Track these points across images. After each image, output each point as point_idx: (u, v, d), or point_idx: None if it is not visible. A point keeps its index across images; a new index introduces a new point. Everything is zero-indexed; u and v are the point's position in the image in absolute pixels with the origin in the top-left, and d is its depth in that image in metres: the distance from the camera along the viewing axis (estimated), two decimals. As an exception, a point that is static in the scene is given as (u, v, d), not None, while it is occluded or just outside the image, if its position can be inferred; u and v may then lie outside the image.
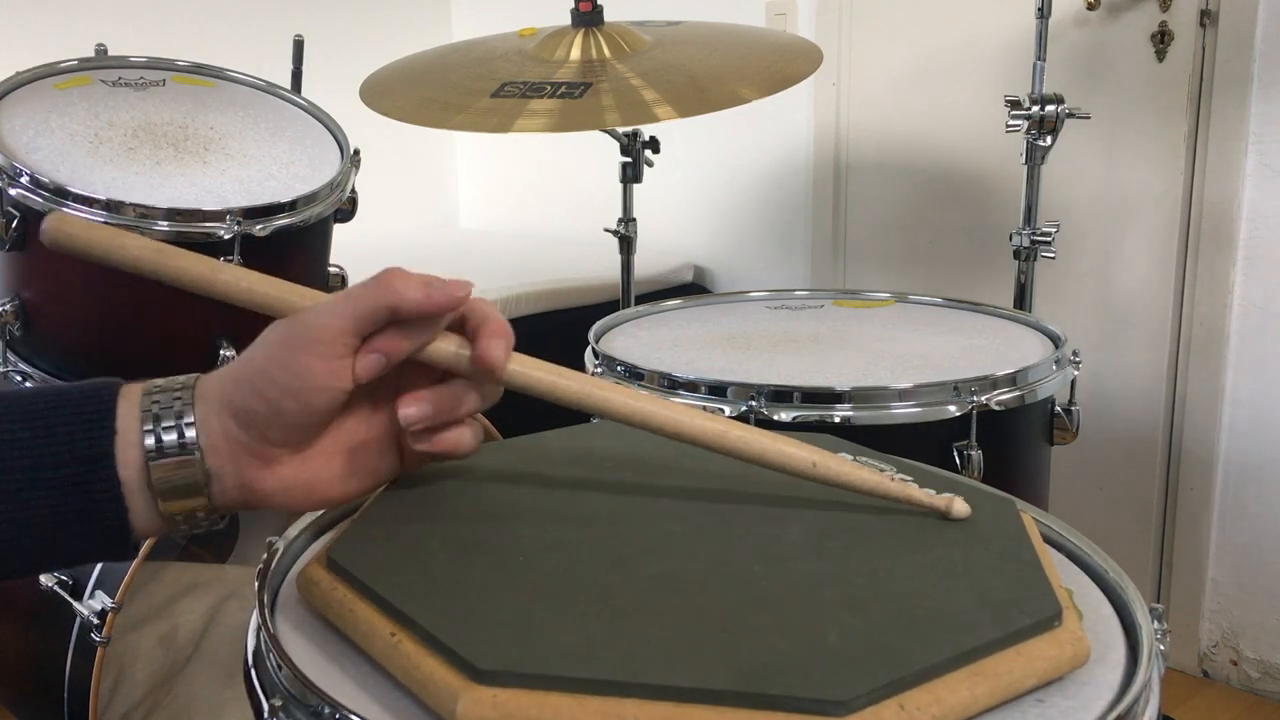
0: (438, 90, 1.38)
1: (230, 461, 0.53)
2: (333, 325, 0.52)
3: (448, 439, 0.56)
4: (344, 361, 0.53)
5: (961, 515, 0.58)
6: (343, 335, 0.52)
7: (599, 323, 1.31)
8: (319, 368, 0.52)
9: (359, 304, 0.52)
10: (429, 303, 0.53)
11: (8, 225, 1.15)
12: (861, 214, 2.30)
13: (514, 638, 0.46)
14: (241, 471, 0.53)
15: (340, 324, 0.52)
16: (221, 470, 0.53)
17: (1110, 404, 1.96)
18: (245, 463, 0.53)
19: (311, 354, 0.52)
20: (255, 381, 0.52)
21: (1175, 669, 1.92)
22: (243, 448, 0.53)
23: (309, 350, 0.52)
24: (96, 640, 1.06)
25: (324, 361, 0.52)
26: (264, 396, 0.52)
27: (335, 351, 0.52)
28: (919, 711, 0.43)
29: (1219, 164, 1.77)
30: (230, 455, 0.53)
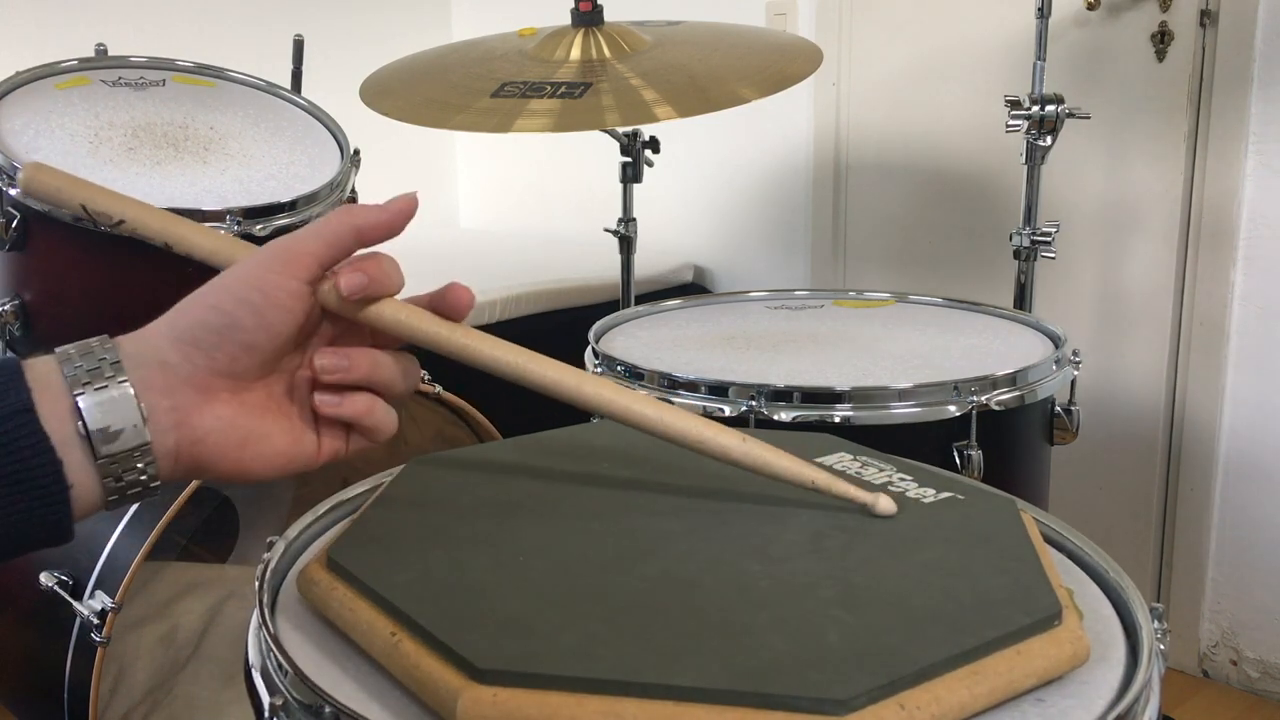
0: (438, 90, 1.38)
1: (165, 395, 0.50)
2: (302, 247, 0.53)
3: (359, 403, 0.55)
4: (306, 286, 0.53)
5: (887, 512, 0.59)
6: (310, 257, 0.53)
7: (599, 323, 1.31)
8: (283, 284, 0.52)
9: (325, 228, 0.53)
10: (389, 214, 0.54)
11: (8, 225, 1.15)
12: (861, 214, 2.30)
13: (514, 637, 0.46)
14: (178, 405, 0.51)
15: (309, 246, 0.53)
16: (155, 406, 0.50)
17: (1110, 404, 1.96)
18: (181, 394, 0.51)
19: (277, 271, 0.52)
20: (212, 296, 0.52)
21: (1175, 669, 1.92)
22: (180, 378, 0.51)
23: (275, 268, 0.52)
24: (96, 640, 1.06)
25: (289, 279, 0.52)
26: (221, 308, 0.51)
27: (300, 272, 0.52)
28: (918, 711, 0.43)
29: (1219, 164, 1.77)
30: (165, 387, 0.50)
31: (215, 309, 0.51)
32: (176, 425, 0.51)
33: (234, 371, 0.52)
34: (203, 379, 0.51)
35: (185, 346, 0.51)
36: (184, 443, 0.51)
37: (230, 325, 0.51)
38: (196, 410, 0.51)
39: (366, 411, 0.55)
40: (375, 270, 0.54)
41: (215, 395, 0.52)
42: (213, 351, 0.51)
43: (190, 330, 0.51)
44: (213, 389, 0.52)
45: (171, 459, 0.51)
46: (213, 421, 0.52)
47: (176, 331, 0.51)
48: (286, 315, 0.52)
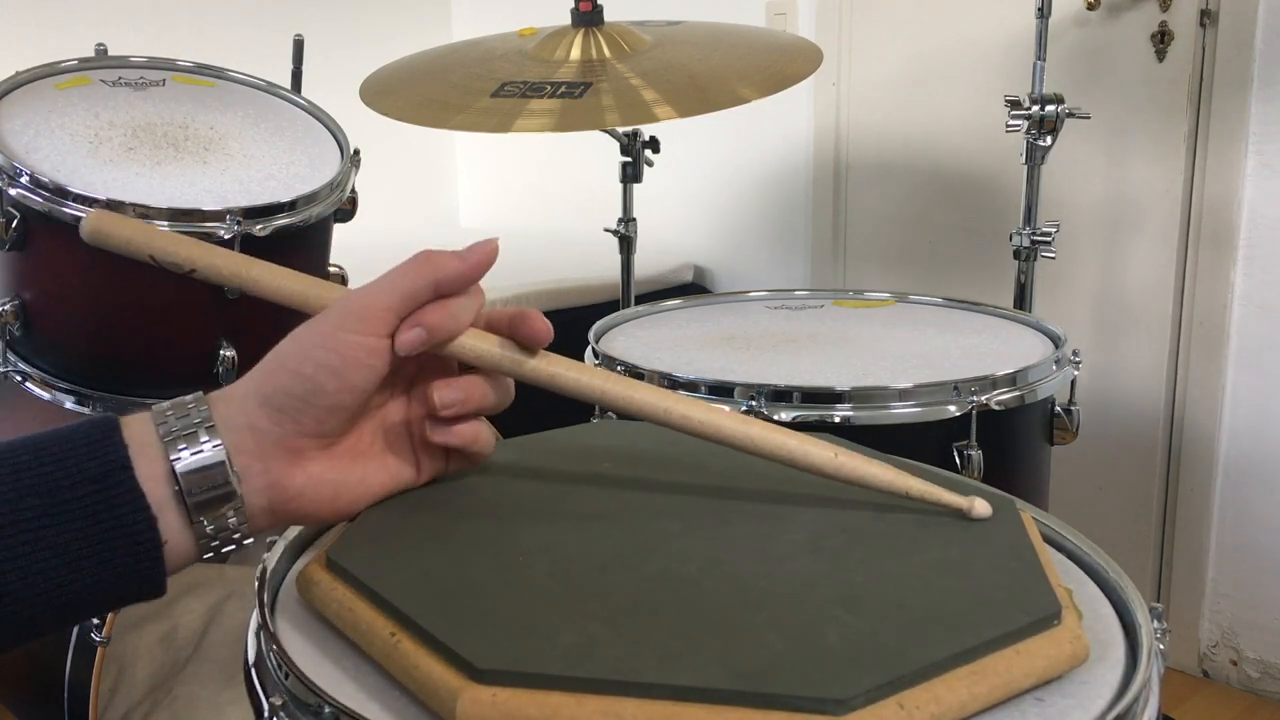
0: (438, 90, 1.38)
1: (257, 459, 0.52)
2: (377, 303, 0.52)
3: (467, 431, 0.57)
4: (385, 341, 0.53)
5: (983, 515, 0.58)
6: (386, 312, 0.53)
7: (599, 323, 1.31)
8: (361, 343, 0.52)
9: (402, 281, 0.53)
10: (467, 264, 0.54)
11: (8, 225, 1.15)
12: (861, 214, 2.30)
13: (513, 637, 0.47)
14: (270, 468, 0.52)
15: (384, 301, 0.53)
16: (248, 469, 0.52)
17: (1110, 404, 1.96)
18: (273, 457, 0.52)
19: (354, 330, 0.52)
20: (293, 361, 0.52)
21: (1175, 669, 1.92)
22: (271, 442, 0.52)
23: (351, 327, 0.52)
24: (96, 640, 1.06)
25: (366, 338, 0.52)
26: (301, 374, 0.52)
27: (377, 328, 0.52)
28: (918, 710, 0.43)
29: (1219, 164, 1.77)
30: (257, 451, 0.52)
31: (297, 375, 0.52)
32: (269, 486, 0.52)
33: (322, 432, 0.53)
34: (292, 442, 0.52)
35: (272, 412, 0.52)
36: (277, 501, 0.53)
37: (313, 390, 0.52)
38: (288, 471, 0.53)
39: (474, 437, 0.57)
40: (435, 320, 0.54)
41: (305, 455, 0.53)
42: (299, 416, 0.52)
43: (275, 396, 0.52)
44: (303, 449, 0.53)
45: (266, 516, 0.53)
46: (304, 480, 0.53)
47: (263, 396, 0.52)
48: (368, 373, 0.53)
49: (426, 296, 0.53)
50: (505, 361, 0.56)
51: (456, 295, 0.54)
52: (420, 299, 0.53)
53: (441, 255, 0.54)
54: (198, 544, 0.51)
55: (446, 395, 0.55)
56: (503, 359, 0.56)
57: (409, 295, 0.53)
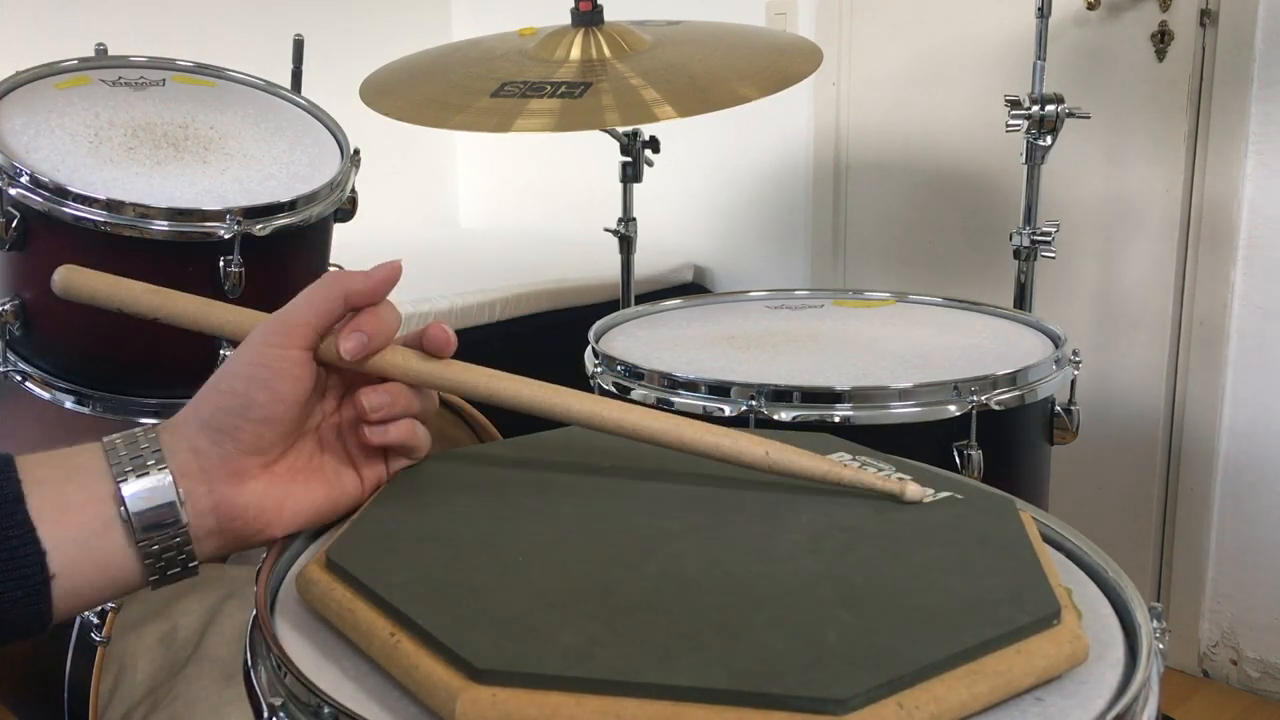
0: (438, 90, 1.38)
1: (201, 481, 0.54)
2: (296, 318, 0.56)
3: (402, 427, 0.60)
4: (307, 353, 0.57)
5: (915, 498, 0.60)
6: (305, 326, 0.56)
7: (599, 323, 1.31)
8: (284, 355, 0.55)
9: (316, 299, 0.57)
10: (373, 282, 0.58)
11: (8, 225, 1.15)
12: (861, 214, 2.30)
13: (513, 637, 0.46)
14: (214, 489, 0.55)
15: (303, 316, 0.57)
16: (193, 492, 0.54)
17: (1110, 404, 1.96)
18: (217, 479, 0.55)
19: (276, 344, 0.56)
20: (224, 382, 0.56)
21: (1175, 669, 1.92)
22: (213, 463, 0.55)
23: (274, 341, 0.56)
24: (96, 640, 1.06)
25: (288, 350, 0.56)
26: (233, 391, 0.55)
27: (298, 340, 0.56)
28: (918, 710, 0.43)
29: (1219, 164, 1.77)
30: (200, 474, 0.54)
31: (230, 393, 0.55)
32: (214, 507, 0.55)
33: (260, 448, 0.56)
34: (233, 462, 0.55)
35: (211, 433, 0.55)
36: (224, 520, 0.55)
37: (245, 405, 0.55)
38: (232, 491, 0.55)
39: (410, 434, 0.61)
40: (372, 326, 0.58)
41: (248, 473, 0.56)
42: (236, 434, 0.55)
43: (213, 417, 0.55)
44: (244, 469, 0.55)
45: (214, 539, 0.55)
46: (248, 498, 0.56)
47: (201, 419, 0.55)
48: (295, 384, 0.56)
49: (339, 310, 0.58)
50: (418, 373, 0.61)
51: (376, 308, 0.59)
52: (334, 313, 0.58)
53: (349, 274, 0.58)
54: (144, 565, 0.53)
55: (374, 399, 0.59)
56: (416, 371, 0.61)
57: (324, 311, 0.57)
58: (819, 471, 0.61)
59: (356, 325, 0.58)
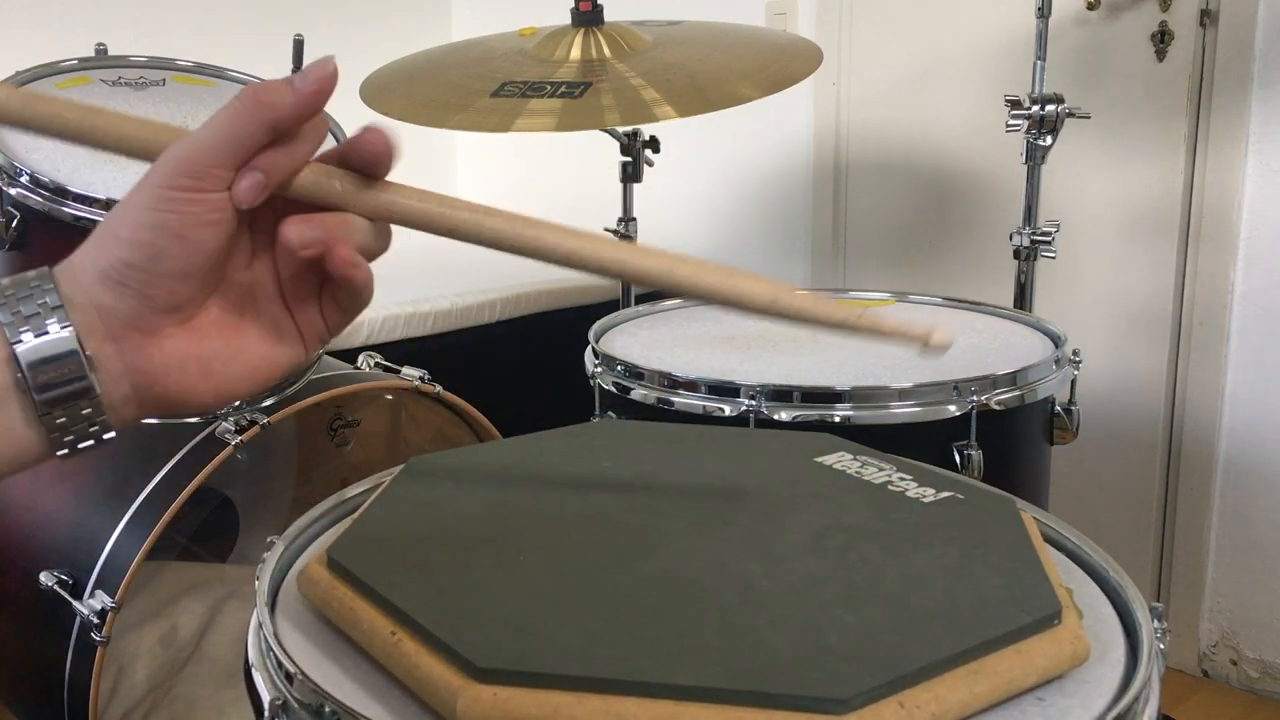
0: (438, 90, 1.38)
1: (109, 341, 0.46)
2: (205, 154, 0.46)
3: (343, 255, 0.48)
4: (223, 194, 0.46)
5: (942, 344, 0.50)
6: (219, 164, 0.46)
7: (599, 322, 1.31)
8: (197, 200, 0.46)
9: (231, 126, 0.46)
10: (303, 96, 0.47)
11: (8, 225, 1.15)
12: (861, 214, 2.30)
13: (514, 636, 0.46)
14: (125, 352, 0.46)
15: (214, 153, 0.46)
16: (102, 353, 0.46)
17: (1110, 404, 1.96)
18: (127, 339, 0.46)
19: (186, 186, 0.45)
20: (126, 229, 0.46)
21: (1175, 669, 1.92)
22: (122, 321, 0.46)
23: (183, 184, 0.45)
24: (96, 640, 1.06)
25: (202, 194, 0.46)
26: (139, 242, 0.45)
27: (212, 182, 0.46)
28: (918, 710, 0.43)
29: (1219, 164, 1.77)
30: (108, 333, 0.46)
31: (132, 243, 0.45)
32: (128, 371, 0.47)
33: (174, 304, 0.47)
34: (144, 319, 0.46)
35: (114, 286, 0.46)
36: (140, 387, 0.47)
37: (153, 256, 0.46)
38: (145, 351, 0.47)
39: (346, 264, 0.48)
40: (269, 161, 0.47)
41: (162, 331, 0.47)
42: (145, 288, 0.46)
43: (115, 270, 0.46)
44: (158, 326, 0.47)
45: (131, 406, 0.47)
46: (164, 359, 0.47)
47: (100, 270, 0.46)
48: (213, 230, 0.46)
49: (263, 140, 0.47)
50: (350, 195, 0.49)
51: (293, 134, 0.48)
52: (255, 145, 0.46)
53: (272, 90, 0.47)
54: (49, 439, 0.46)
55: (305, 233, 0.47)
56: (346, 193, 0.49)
57: (240, 142, 0.46)
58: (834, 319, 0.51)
59: (251, 165, 0.46)
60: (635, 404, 1.11)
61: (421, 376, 1.31)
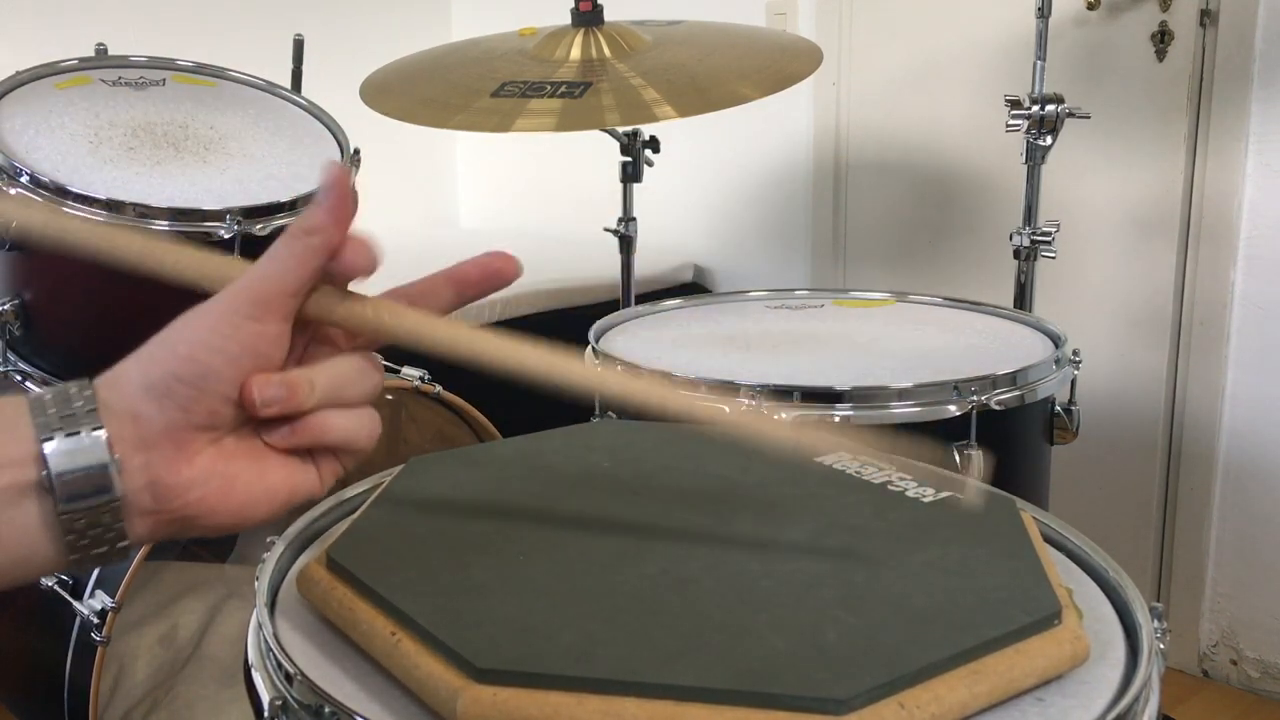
0: (438, 90, 1.38)
1: (139, 450, 0.46)
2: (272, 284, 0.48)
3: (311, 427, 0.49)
4: (285, 327, 0.48)
5: None
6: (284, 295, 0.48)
7: (599, 322, 1.30)
8: (262, 332, 0.47)
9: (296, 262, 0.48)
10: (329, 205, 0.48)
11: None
12: (861, 214, 2.30)
13: (514, 637, 0.46)
14: (153, 463, 0.46)
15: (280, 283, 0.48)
16: (130, 462, 0.46)
17: (1110, 404, 1.96)
18: (159, 451, 0.46)
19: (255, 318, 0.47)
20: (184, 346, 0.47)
21: (1175, 669, 1.92)
22: (156, 431, 0.46)
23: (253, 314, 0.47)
24: (96, 640, 1.06)
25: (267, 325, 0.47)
26: (195, 359, 0.47)
27: (277, 313, 0.48)
28: (918, 710, 0.43)
29: (1219, 164, 1.77)
30: (140, 442, 0.46)
31: (190, 360, 0.47)
32: (151, 483, 0.47)
33: (213, 424, 0.48)
34: (179, 433, 0.47)
35: (158, 399, 0.46)
36: (161, 499, 0.47)
37: (204, 374, 0.47)
38: (174, 466, 0.47)
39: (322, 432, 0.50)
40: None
41: (193, 448, 0.47)
42: (189, 405, 0.47)
43: (164, 381, 0.46)
44: (190, 442, 0.47)
45: (150, 519, 0.47)
46: (192, 475, 0.47)
47: (149, 381, 0.47)
48: (265, 363, 0.48)
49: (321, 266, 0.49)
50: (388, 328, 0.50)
51: None
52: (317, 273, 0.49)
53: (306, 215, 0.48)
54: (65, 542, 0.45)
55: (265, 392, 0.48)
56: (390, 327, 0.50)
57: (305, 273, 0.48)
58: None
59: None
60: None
61: (421, 376, 1.31)
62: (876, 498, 0.61)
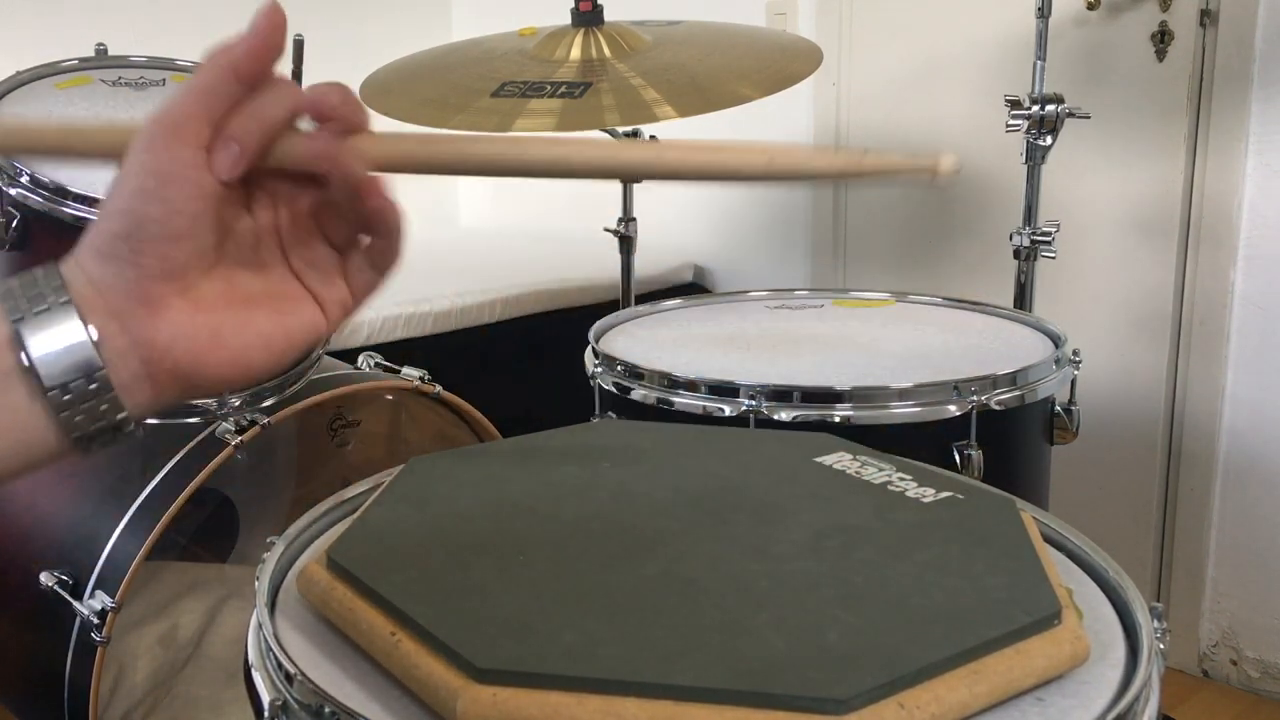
0: (438, 90, 1.38)
1: (110, 316, 0.45)
2: (181, 112, 0.45)
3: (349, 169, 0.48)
4: (200, 151, 0.45)
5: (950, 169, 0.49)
6: (190, 119, 0.45)
7: (599, 323, 1.30)
8: (173, 157, 0.45)
9: (198, 79, 0.46)
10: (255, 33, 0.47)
11: (8, 225, 1.15)
12: (861, 214, 2.30)
13: (514, 637, 0.46)
14: (129, 327, 0.45)
15: (188, 109, 0.45)
16: (105, 329, 0.44)
17: (1110, 404, 1.96)
18: (128, 313, 0.45)
19: (162, 148, 0.45)
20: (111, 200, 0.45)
21: (1175, 669, 1.92)
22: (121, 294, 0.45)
23: (159, 145, 0.45)
24: (96, 640, 1.06)
25: (174, 150, 0.45)
26: (121, 210, 0.45)
27: (185, 138, 0.45)
28: (918, 710, 0.43)
29: (1219, 164, 1.77)
30: (106, 308, 0.45)
31: (118, 213, 0.45)
32: (134, 344, 0.45)
33: (172, 270, 0.46)
34: (141, 289, 0.45)
35: (107, 260, 0.45)
36: (149, 361, 0.45)
37: (138, 223, 0.45)
38: (149, 323, 0.45)
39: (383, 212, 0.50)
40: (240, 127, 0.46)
41: (164, 301, 0.46)
42: (137, 258, 0.45)
43: (104, 243, 0.45)
44: (156, 295, 0.45)
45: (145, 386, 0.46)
46: (171, 329, 0.46)
47: (96, 247, 0.45)
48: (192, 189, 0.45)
49: (233, 89, 0.46)
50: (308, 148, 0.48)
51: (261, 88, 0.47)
52: (227, 95, 0.46)
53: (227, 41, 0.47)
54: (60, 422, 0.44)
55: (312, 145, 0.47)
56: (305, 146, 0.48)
57: (209, 91, 0.46)
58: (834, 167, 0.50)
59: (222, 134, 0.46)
60: (635, 404, 1.11)
61: (421, 376, 1.31)
62: (876, 498, 0.62)
